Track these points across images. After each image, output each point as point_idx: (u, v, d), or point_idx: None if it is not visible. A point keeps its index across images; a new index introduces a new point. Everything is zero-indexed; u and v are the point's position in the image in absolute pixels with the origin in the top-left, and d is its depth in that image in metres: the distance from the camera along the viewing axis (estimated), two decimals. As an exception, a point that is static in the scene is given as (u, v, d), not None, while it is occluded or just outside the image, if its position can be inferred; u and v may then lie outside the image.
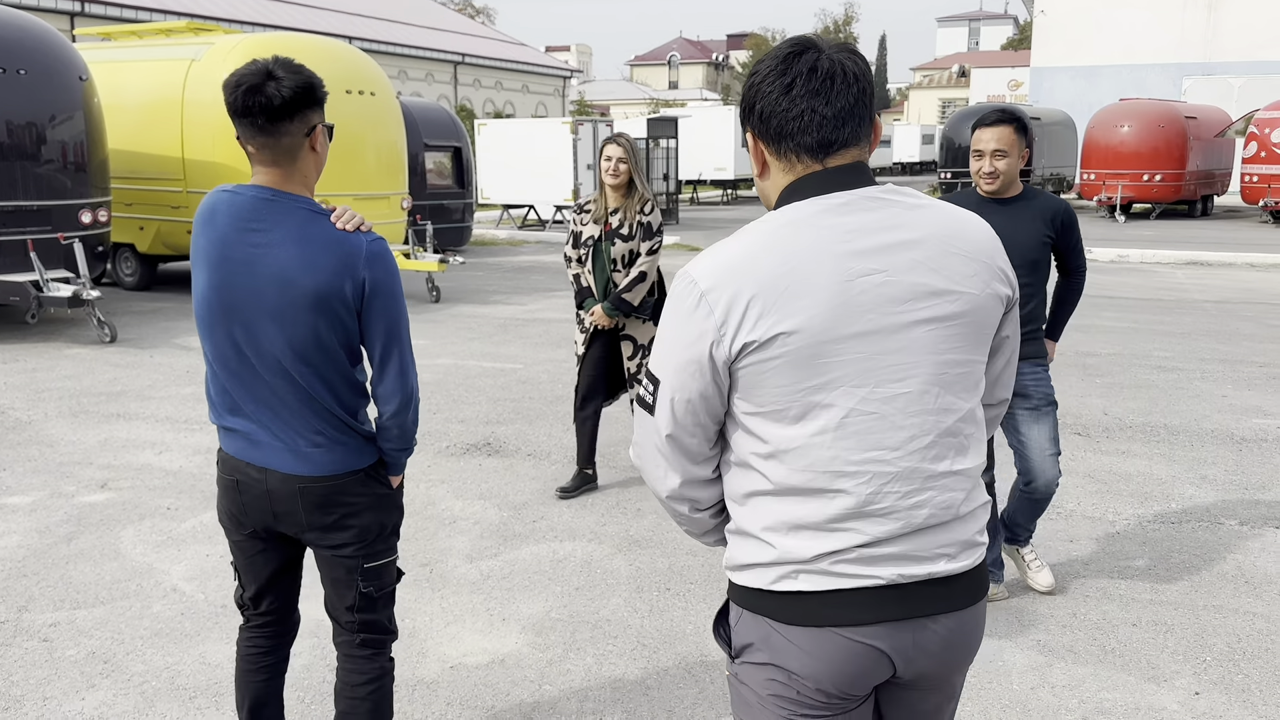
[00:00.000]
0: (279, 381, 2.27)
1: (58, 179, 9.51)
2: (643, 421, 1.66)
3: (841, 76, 1.56)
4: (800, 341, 1.50)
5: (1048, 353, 3.90)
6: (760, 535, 1.58)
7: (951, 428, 1.58)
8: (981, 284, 1.58)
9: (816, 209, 1.54)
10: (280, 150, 2.23)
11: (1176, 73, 31.34)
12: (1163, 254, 16.19)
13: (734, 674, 1.69)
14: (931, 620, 1.58)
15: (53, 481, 5.44)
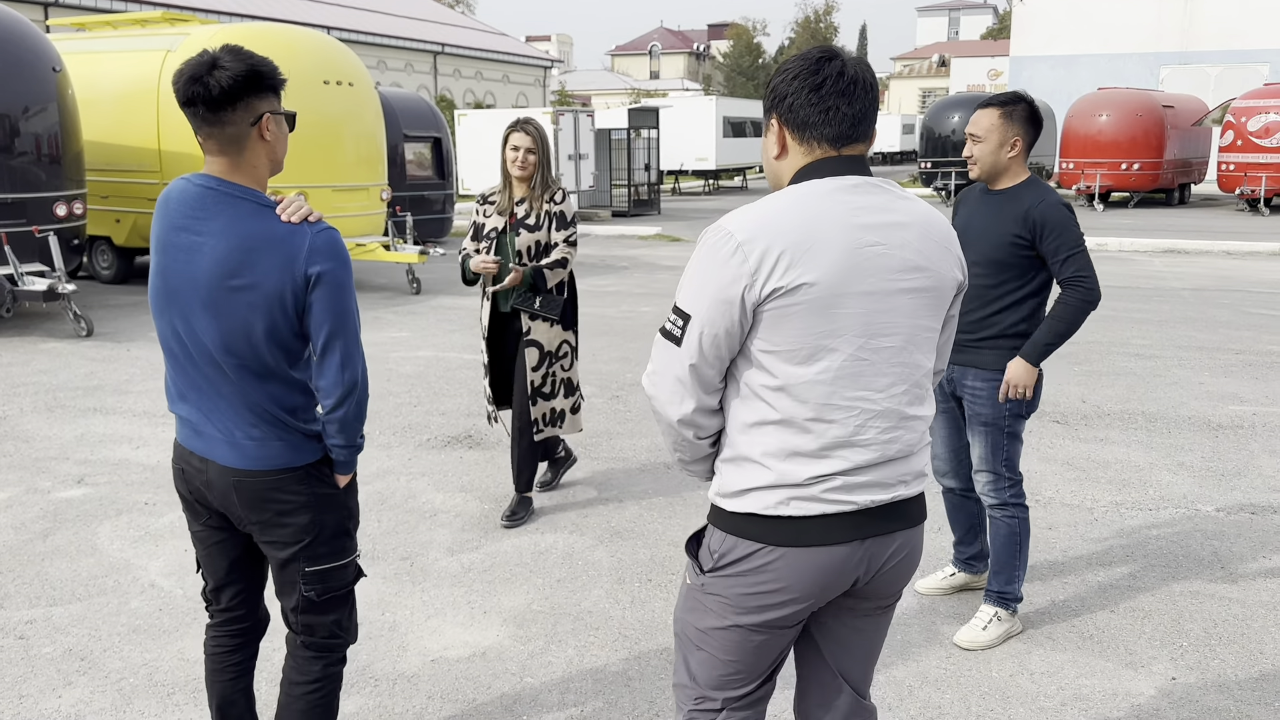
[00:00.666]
0: (215, 372, 2.25)
1: (32, 172, 9.39)
2: (666, 352, 1.87)
3: (862, 84, 1.85)
4: (818, 292, 1.77)
5: (1005, 370, 3.43)
6: (760, 460, 1.85)
7: (918, 380, 1.90)
8: (947, 267, 1.91)
9: (832, 186, 1.83)
10: (225, 139, 2.19)
11: (1154, 62, 31.53)
12: (1141, 242, 16.31)
13: (698, 586, 1.96)
14: (890, 537, 1.91)
15: (28, 477, 5.39)
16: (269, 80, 2.21)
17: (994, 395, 3.48)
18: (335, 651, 2.47)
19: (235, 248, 2.17)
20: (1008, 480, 3.56)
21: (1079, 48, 32.44)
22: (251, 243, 2.17)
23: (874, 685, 3.32)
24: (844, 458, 1.83)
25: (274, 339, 2.22)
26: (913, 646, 3.57)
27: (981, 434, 3.55)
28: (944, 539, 4.52)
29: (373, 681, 3.35)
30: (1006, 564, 3.60)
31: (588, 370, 7.84)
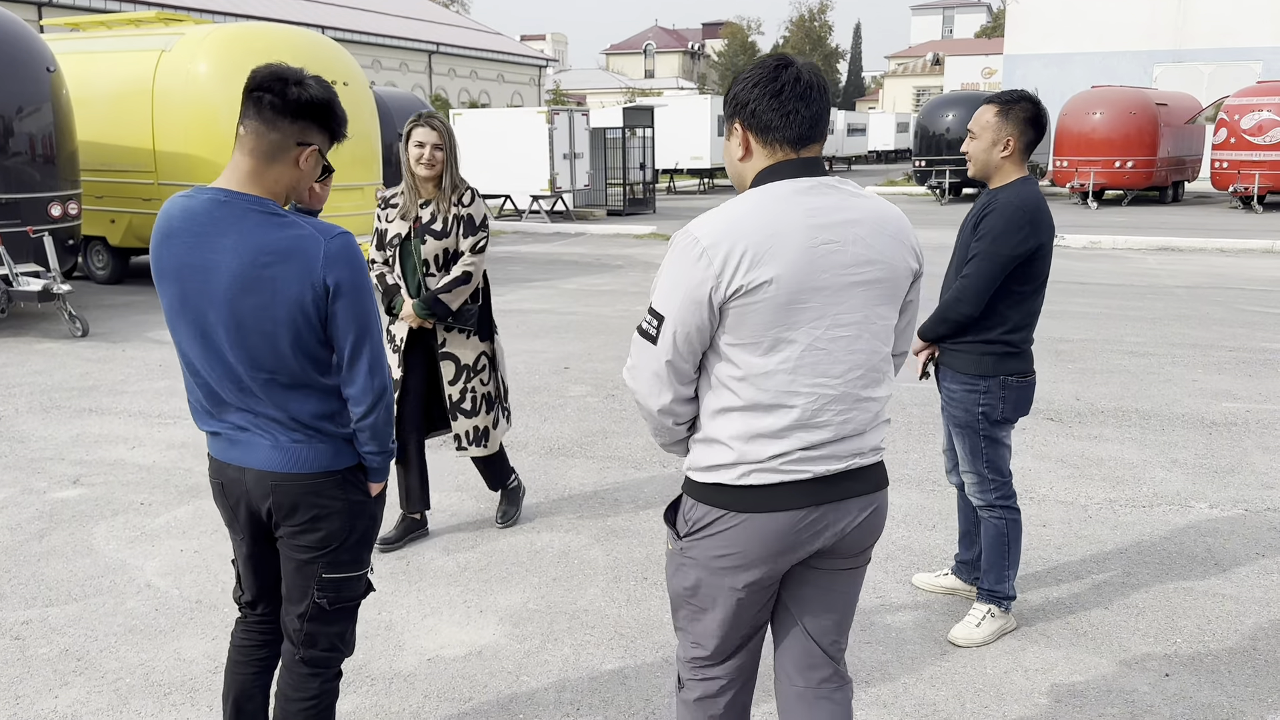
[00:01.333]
0: (246, 388, 2.24)
1: (26, 172, 9.38)
2: (643, 350, 2.04)
3: (817, 88, 2.02)
4: (777, 289, 1.93)
5: (978, 375, 3.45)
6: (726, 442, 2.03)
7: (874, 365, 2.07)
8: (900, 258, 2.06)
9: (790, 189, 1.99)
10: (265, 142, 2.18)
11: (1147, 60, 31.59)
12: (1134, 240, 16.34)
13: (678, 550, 2.15)
14: (846, 502, 2.08)
15: (24, 478, 5.39)
16: (333, 124, 2.23)
17: (966, 398, 3.49)
18: (331, 666, 2.46)
19: (250, 263, 2.14)
20: (992, 482, 3.56)
21: (1073, 46, 32.49)
22: (266, 256, 2.14)
23: (868, 680, 3.33)
24: (801, 438, 2.01)
25: (300, 349, 2.21)
26: (907, 644, 3.59)
27: (959, 435, 3.56)
28: (939, 537, 4.54)
29: (369, 680, 3.35)
30: (995, 563, 3.61)
31: (584, 369, 7.85)
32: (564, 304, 11.10)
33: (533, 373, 7.77)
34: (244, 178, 2.21)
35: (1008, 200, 3.36)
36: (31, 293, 8.87)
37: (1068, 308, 10.47)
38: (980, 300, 3.37)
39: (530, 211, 21.49)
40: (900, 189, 30.36)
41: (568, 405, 6.83)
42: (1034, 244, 3.34)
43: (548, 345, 8.83)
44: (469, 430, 4.42)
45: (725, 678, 2.22)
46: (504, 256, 15.71)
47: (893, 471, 5.42)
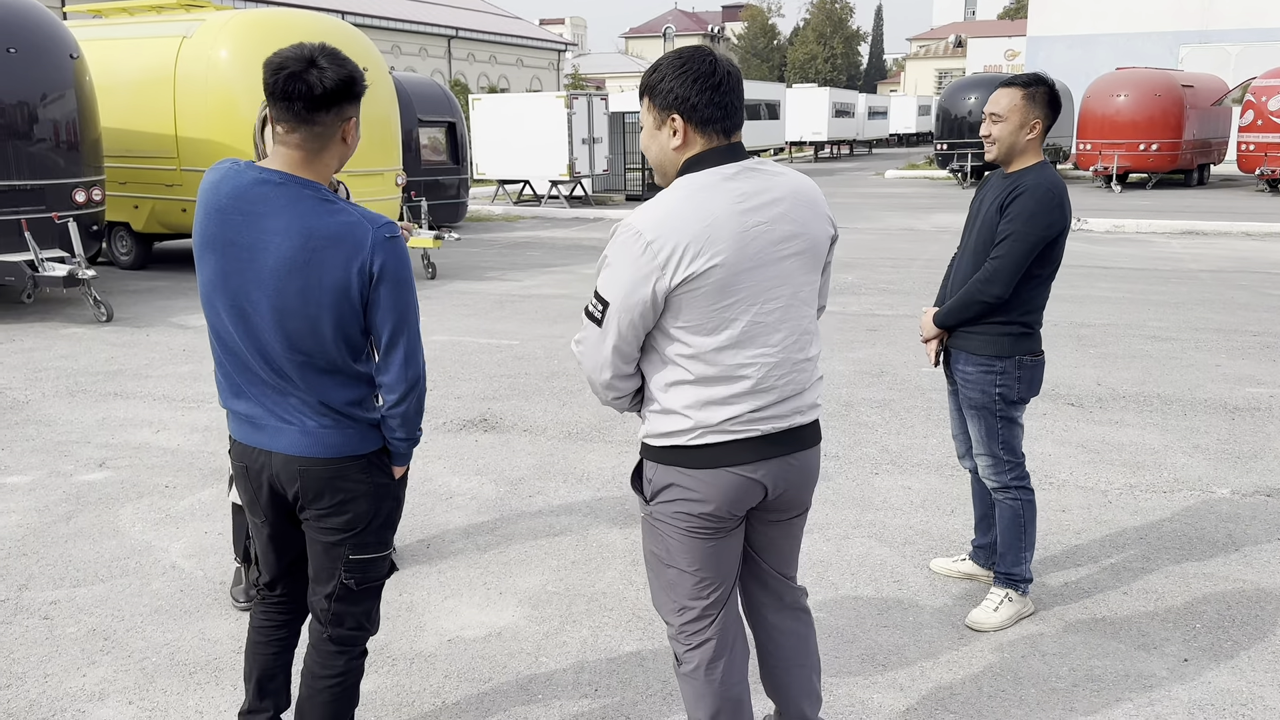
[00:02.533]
0: (280, 368, 2.26)
1: (50, 158, 9.47)
2: (590, 330, 2.23)
3: (739, 79, 2.22)
4: (718, 275, 2.13)
5: (993, 356, 3.44)
6: (681, 411, 2.23)
7: (806, 328, 2.29)
8: (818, 225, 2.29)
9: (719, 178, 2.18)
10: (310, 137, 2.20)
11: (1173, 41, 31.17)
12: (1158, 224, 16.18)
13: (649, 514, 2.36)
14: (790, 457, 2.31)
15: (51, 460, 5.46)
16: (359, 89, 2.24)
17: (981, 379, 3.48)
18: (358, 645, 2.50)
19: (301, 246, 2.16)
20: (1007, 463, 3.56)
21: (1097, 27, 32.09)
22: (317, 240, 2.17)
23: (884, 665, 3.34)
24: (750, 402, 2.23)
25: (341, 334, 2.23)
26: (924, 628, 3.59)
27: (974, 417, 3.56)
28: (957, 522, 4.54)
29: (390, 661, 3.39)
30: (1012, 546, 3.61)
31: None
32: (583, 289, 11.11)
33: (551, 358, 7.80)
34: (297, 165, 2.23)
35: (1037, 182, 3.35)
36: (57, 278, 8.96)
37: (1090, 292, 10.39)
38: (1011, 282, 3.36)
39: (549, 197, 21.50)
40: (921, 172, 30.14)
41: (586, 390, 6.85)
42: (1061, 226, 3.36)
43: (566, 330, 8.85)
44: None
45: (716, 636, 2.39)
46: (523, 242, 15.74)
47: (911, 456, 5.42)
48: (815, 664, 2.61)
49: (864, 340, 8.27)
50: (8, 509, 4.77)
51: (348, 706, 2.52)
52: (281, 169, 2.23)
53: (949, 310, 3.52)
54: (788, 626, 2.56)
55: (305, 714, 2.50)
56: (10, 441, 5.79)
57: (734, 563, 2.40)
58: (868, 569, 4.07)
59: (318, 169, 2.25)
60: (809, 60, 79.48)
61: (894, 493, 4.90)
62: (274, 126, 2.22)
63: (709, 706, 2.41)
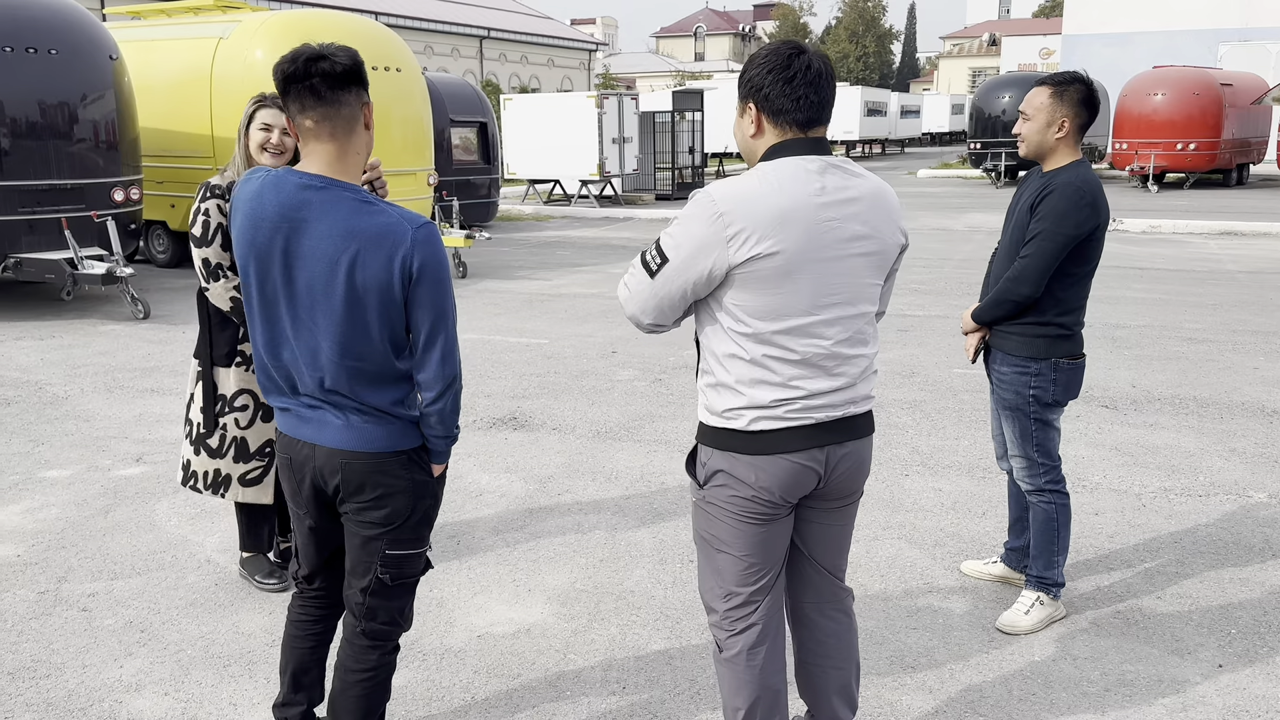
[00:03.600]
0: (328, 370, 2.29)
1: (90, 158, 9.62)
2: (641, 277, 2.27)
3: (826, 76, 2.23)
4: (781, 261, 2.17)
5: (1028, 356, 3.43)
6: (734, 386, 2.28)
7: (860, 326, 2.32)
8: (890, 232, 2.32)
9: (801, 168, 2.22)
10: (340, 121, 2.24)
11: (1212, 39, 30.70)
12: (1195, 224, 15.95)
13: (701, 499, 2.41)
14: (841, 446, 2.35)
15: (89, 455, 5.56)
16: (365, 75, 2.30)
17: (1016, 380, 3.47)
18: (390, 640, 2.52)
19: (345, 248, 2.20)
20: (1042, 466, 3.53)
21: (1134, 25, 31.68)
22: (360, 243, 2.20)
23: (914, 666, 3.33)
24: (801, 387, 2.27)
25: (387, 333, 2.27)
26: (954, 630, 3.58)
27: (1008, 418, 3.54)
28: (989, 524, 4.51)
29: (421, 656, 3.43)
30: (1044, 549, 3.58)
31: (631, 353, 7.88)
32: (612, 288, 11.13)
33: (581, 357, 7.83)
34: (331, 163, 2.27)
35: (1068, 181, 3.32)
36: (95, 275, 9.11)
37: (1125, 293, 10.27)
38: (1041, 281, 3.34)
39: (579, 196, 21.54)
40: (955, 171, 29.90)
41: (615, 389, 6.87)
42: (1093, 225, 3.32)
43: (596, 330, 8.88)
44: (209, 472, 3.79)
45: (761, 622, 2.41)
46: (552, 241, 15.79)
47: (942, 458, 5.39)
48: (854, 667, 2.60)
49: (895, 341, 8.23)
50: (48, 502, 4.86)
51: (380, 700, 2.54)
52: (319, 171, 2.27)
53: (983, 307, 3.51)
54: (830, 626, 2.56)
55: (338, 707, 2.53)
56: (50, 436, 5.89)
57: (782, 549, 2.44)
58: (897, 570, 4.06)
59: (351, 162, 2.29)
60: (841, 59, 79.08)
61: (924, 494, 4.87)
62: (300, 121, 2.25)
63: (749, 694, 2.42)
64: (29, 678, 3.30)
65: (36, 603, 3.82)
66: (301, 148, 2.30)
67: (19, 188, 9.15)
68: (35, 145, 9.18)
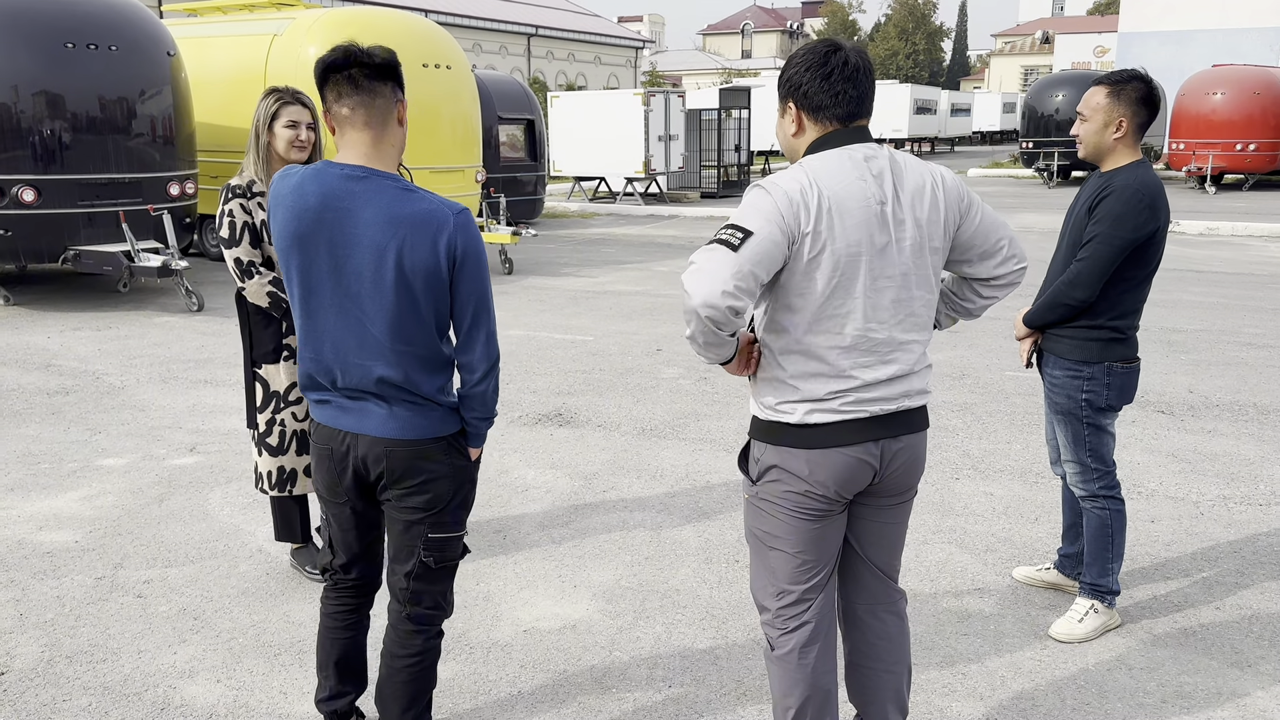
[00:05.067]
0: (375, 356, 2.33)
1: (147, 152, 9.80)
2: (722, 255, 2.14)
3: (864, 70, 2.25)
4: (838, 245, 2.18)
5: (1081, 360, 3.37)
6: (788, 380, 2.28)
7: (914, 310, 2.31)
8: (942, 218, 2.30)
9: (842, 156, 2.24)
10: (375, 110, 2.29)
11: (1275, 37, 29.93)
12: (1256, 226, 15.58)
13: (754, 495, 2.40)
14: (896, 440, 2.34)
15: (144, 445, 5.66)
16: (401, 76, 2.36)
17: (1069, 384, 3.41)
18: (435, 624, 2.56)
19: (392, 235, 2.25)
20: (1095, 471, 3.46)
21: (1193, 22, 31.00)
22: (405, 228, 2.25)
23: (964, 672, 3.28)
24: (855, 377, 2.26)
25: (436, 317, 2.33)
26: (1006, 637, 3.52)
27: (1060, 422, 3.48)
28: (1042, 530, 4.43)
29: (468, 649, 3.44)
30: (1099, 556, 3.51)
31: (676, 351, 7.86)
32: (657, 286, 11.12)
33: (626, 354, 7.82)
34: (369, 153, 2.32)
35: (1126, 183, 3.26)
36: (151, 268, 9.28)
37: (1182, 297, 10.05)
38: (1097, 285, 3.27)
39: (624, 194, 21.55)
40: (1006, 171, 29.48)
41: (660, 387, 6.86)
42: (1152, 228, 3.24)
43: (640, 327, 8.87)
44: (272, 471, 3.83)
45: (813, 620, 2.41)
46: (598, 238, 15.81)
47: (994, 462, 5.31)
48: (906, 671, 2.57)
49: (945, 342, 8.12)
50: (105, 490, 4.96)
51: (426, 686, 2.58)
52: (358, 162, 2.31)
53: (1036, 310, 3.44)
54: (882, 628, 2.53)
55: (385, 694, 2.57)
56: (107, 425, 6.01)
57: (836, 547, 2.43)
58: (948, 575, 4.00)
59: (387, 153, 2.34)
60: (890, 56, 78.29)
61: (975, 499, 4.80)
62: (338, 110, 2.30)
63: (800, 693, 2.41)
64: (86, 661, 3.36)
65: (94, 588, 3.90)
66: (338, 139, 2.34)
67: (79, 181, 9.34)
68: (95, 140, 9.37)
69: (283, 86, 3.71)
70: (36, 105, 9.04)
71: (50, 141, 9.13)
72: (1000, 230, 2.42)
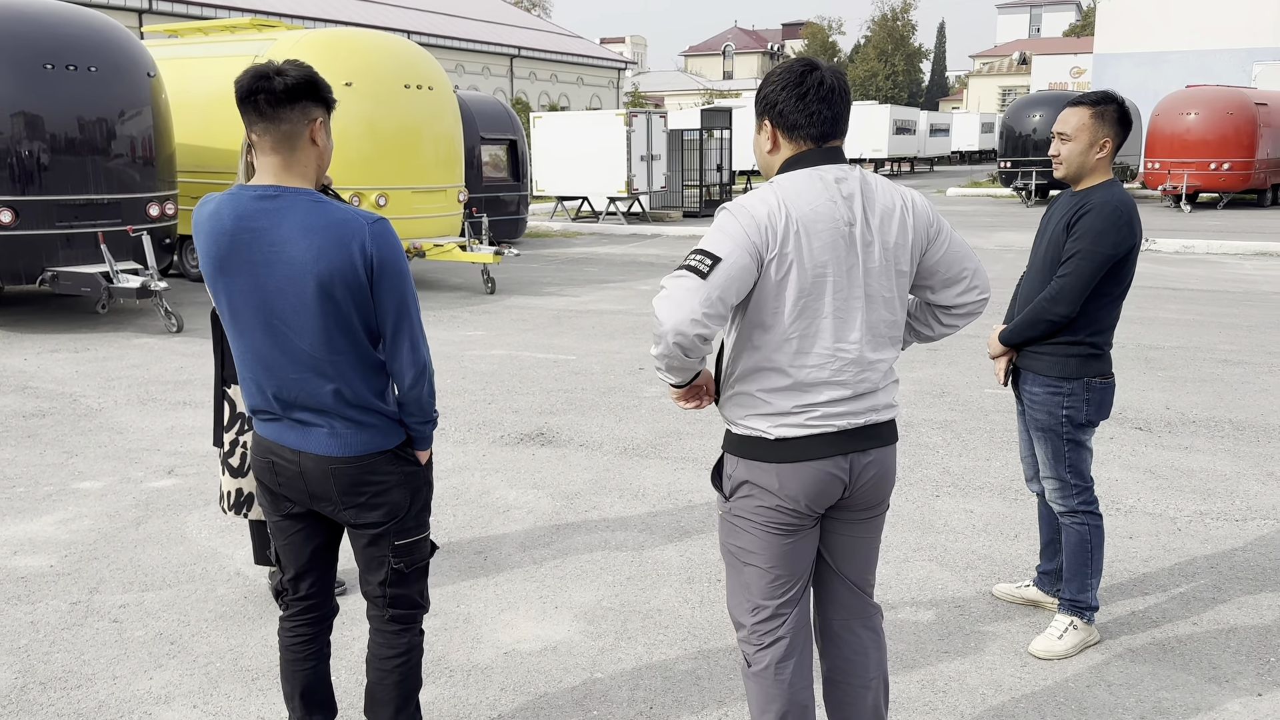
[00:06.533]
0: (309, 370, 2.34)
1: (127, 173, 9.77)
2: (690, 282, 2.18)
3: (839, 90, 2.29)
4: (807, 265, 2.23)
5: (1060, 377, 3.39)
6: (758, 395, 2.32)
7: (881, 330, 2.34)
8: (909, 239, 2.34)
9: (812, 177, 2.28)
10: (280, 135, 2.30)
11: (1246, 58, 30.41)
12: (1230, 244, 15.77)
13: (727, 511, 2.43)
14: (865, 454, 2.37)
15: (122, 467, 5.61)
16: (323, 93, 2.35)
17: (1048, 401, 3.43)
18: (417, 621, 2.60)
19: (311, 243, 2.26)
20: (1074, 487, 3.49)
21: (1166, 44, 31.45)
22: (323, 238, 2.27)
23: (945, 690, 3.29)
24: (823, 393, 2.30)
25: (365, 325, 2.35)
26: (986, 654, 3.53)
27: (1040, 439, 3.50)
28: (1021, 547, 4.45)
29: (448, 672, 3.42)
30: (1078, 571, 3.53)
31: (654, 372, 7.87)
32: (639, 305, 11.14)
33: (608, 373, 7.83)
34: (278, 173, 2.33)
35: (1104, 200, 3.31)
36: (130, 289, 9.22)
37: (1158, 314, 10.15)
38: (1078, 301, 3.31)
39: (607, 213, 21.61)
40: (984, 190, 29.74)
41: (642, 406, 6.86)
42: (1130, 244, 3.29)
43: (623, 346, 8.88)
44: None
45: (788, 636, 2.43)
46: (580, 258, 15.83)
47: (973, 479, 5.34)
48: (883, 686, 2.57)
49: (925, 360, 8.17)
50: (81, 513, 4.91)
51: (416, 684, 2.61)
52: (270, 182, 2.33)
53: (1015, 328, 3.47)
54: (858, 643, 2.55)
55: (377, 698, 2.59)
56: (83, 448, 5.96)
57: (809, 562, 2.45)
58: (928, 593, 4.01)
59: (299, 173, 2.34)
60: (870, 77, 79.02)
61: (955, 516, 4.82)
62: (250, 134, 2.32)
63: (778, 708, 2.43)
64: (60, 688, 3.32)
65: (69, 613, 3.86)
66: (255, 160, 2.36)
67: (57, 202, 9.30)
68: (74, 161, 9.34)
69: None
70: (15, 126, 9.00)
71: (28, 162, 9.09)
72: (966, 260, 2.45)
